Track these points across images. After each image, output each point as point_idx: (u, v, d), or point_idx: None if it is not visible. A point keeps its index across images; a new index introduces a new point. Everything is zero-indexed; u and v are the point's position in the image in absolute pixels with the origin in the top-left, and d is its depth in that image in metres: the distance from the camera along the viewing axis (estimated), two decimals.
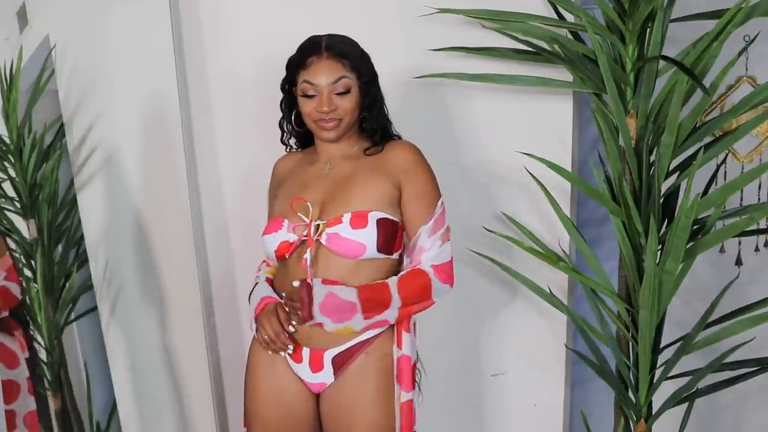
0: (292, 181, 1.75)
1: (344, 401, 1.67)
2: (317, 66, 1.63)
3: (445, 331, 2.27)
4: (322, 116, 1.65)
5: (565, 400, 2.30)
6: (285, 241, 1.66)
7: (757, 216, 1.75)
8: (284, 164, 1.83)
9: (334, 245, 1.61)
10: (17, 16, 2.17)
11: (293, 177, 1.76)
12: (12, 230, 2.19)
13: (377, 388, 1.66)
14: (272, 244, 1.68)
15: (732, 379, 1.95)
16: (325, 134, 1.68)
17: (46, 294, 2.22)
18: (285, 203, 1.71)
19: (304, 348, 1.69)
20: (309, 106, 1.66)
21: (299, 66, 1.66)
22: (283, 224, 1.67)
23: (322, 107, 1.63)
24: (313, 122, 1.68)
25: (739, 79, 2.20)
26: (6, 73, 2.11)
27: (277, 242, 1.67)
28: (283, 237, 1.66)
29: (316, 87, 1.64)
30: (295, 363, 1.70)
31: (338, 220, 1.62)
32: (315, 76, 1.63)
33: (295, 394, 1.70)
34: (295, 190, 1.72)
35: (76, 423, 2.30)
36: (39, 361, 2.22)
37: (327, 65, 1.63)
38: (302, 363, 1.69)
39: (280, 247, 1.66)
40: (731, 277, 2.02)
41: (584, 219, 2.36)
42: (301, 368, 1.70)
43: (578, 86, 2.00)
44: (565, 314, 2.09)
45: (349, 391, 1.66)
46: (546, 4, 2.05)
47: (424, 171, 1.71)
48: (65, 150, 2.22)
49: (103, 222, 2.29)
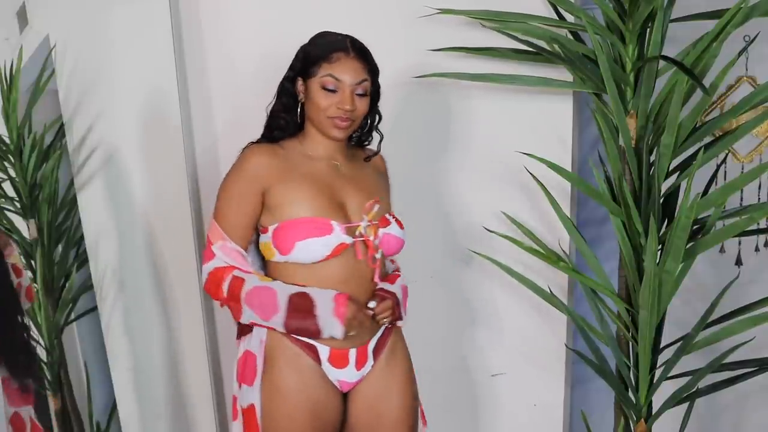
0: (306, 179, 1.64)
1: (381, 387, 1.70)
2: (344, 63, 1.61)
3: (445, 331, 2.27)
4: (340, 114, 1.62)
5: (565, 400, 2.30)
6: (341, 244, 1.60)
7: (757, 216, 1.75)
8: (264, 159, 1.65)
9: (388, 244, 1.67)
10: (17, 16, 2.17)
11: (301, 174, 1.65)
12: (12, 230, 2.19)
13: (410, 368, 1.76)
14: (325, 248, 1.59)
15: (732, 379, 1.95)
16: (336, 132, 1.64)
17: (46, 294, 2.22)
18: (319, 203, 1.62)
19: (350, 350, 1.66)
20: (328, 100, 1.62)
21: (322, 58, 1.62)
22: (333, 226, 1.61)
23: (345, 105, 1.61)
24: (327, 118, 1.63)
25: (739, 79, 2.20)
26: (6, 73, 2.11)
27: (331, 246, 1.59)
28: (337, 240, 1.60)
29: (340, 83, 1.61)
30: (339, 369, 1.66)
31: (387, 221, 1.68)
32: (341, 72, 1.61)
33: (333, 405, 1.68)
34: (321, 189, 1.64)
35: (76, 423, 2.30)
36: (39, 361, 2.21)
37: (353, 65, 1.62)
38: (348, 366, 1.67)
39: (334, 251, 1.60)
40: (731, 277, 2.02)
41: (584, 219, 2.36)
42: (345, 372, 1.67)
43: (578, 86, 2.00)
44: (565, 314, 2.10)
45: (387, 375, 1.71)
46: (546, 4, 2.05)
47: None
48: (65, 150, 2.21)
49: (103, 222, 2.29)
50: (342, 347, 1.65)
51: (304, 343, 1.64)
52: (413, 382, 1.76)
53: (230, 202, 1.66)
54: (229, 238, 1.65)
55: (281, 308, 1.59)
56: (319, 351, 1.65)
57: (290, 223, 1.61)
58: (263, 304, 1.61)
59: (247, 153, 1.67)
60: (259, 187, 1.64)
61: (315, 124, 1.67)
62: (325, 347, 1.64)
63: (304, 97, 1.66)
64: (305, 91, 1.66)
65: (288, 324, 1.60)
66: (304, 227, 1.60)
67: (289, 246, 1.60)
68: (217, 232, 1.66)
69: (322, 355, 1.65)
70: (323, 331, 1.60)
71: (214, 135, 2.30)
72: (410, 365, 1.76)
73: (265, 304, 1.61)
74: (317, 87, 1.63)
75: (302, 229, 1.60)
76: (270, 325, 1.62)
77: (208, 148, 2.31)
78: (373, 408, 1.70)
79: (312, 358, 1.64)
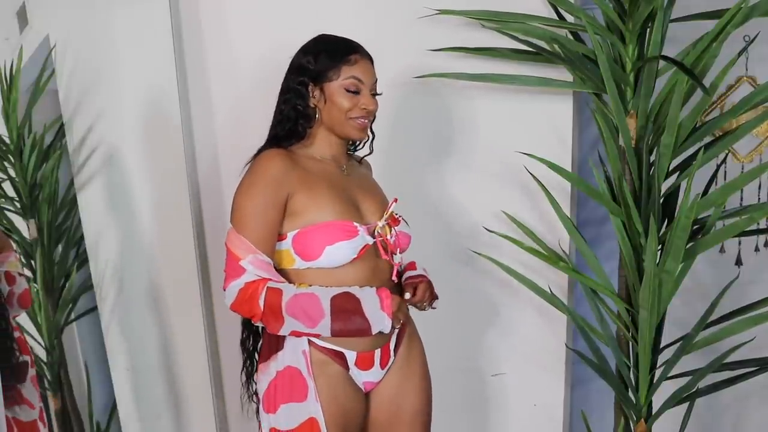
0: (324, 183, 1.63)
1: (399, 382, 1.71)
2: (363, 64, 1.64)
3: (445, 331, 2.27)
4: (363, 113, 1.64)
5: (565, 400, 2.30)
6: (366, 245, 1.61)
7: (757, 216, 1.75)
8: (284, 165, 1.60)
9: (401, 242, 1.70)
10: (17, 16, 2.17)
11: (318, 178, 1.63)
12: (12, 230, 2.19)
13: (425, 362, 1.78)
14: (353, 250, 1.59)
15: (732, 379, 1.95)
16: (358, 133, 1.66)
17: (46, 294, 2.22)
18: (340, 206, 1.62)
19: (375, 351, 1.66)
20: (352, 102, 1.62)
21: (342, 61, 1.62)
22: (358, 228, 1.60)
23: (369, 106, 1.63)
24: (350, 119, 1.64)
25: (739, 79, 2.20)
26: (6, 73, 2.11)
27: (358, 247, 1.59)
28: (363, 241, 1.60)
29: (363, 85, 1.63)
30: (365, 371, 1.66)
31: (396, 220, 1.70)
32: (363, 74, 1.63)
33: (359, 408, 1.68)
34: (339, 192, 1.64)
35: (76, 423, 2.30)
36: (39, 361, 2.21)
37: (368, 65, 1.65)
38: (373, 366, 1.67)
39: (360, 252, 1.60)
40: (731, 277, 2.03)
41: (584, 219, 2.36)
42: (371, 373, 1.67)
43: (578, 86, 2.00)
44: (565, 314, 2.10)
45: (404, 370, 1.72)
46: (546, 5, 2.05)
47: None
48: (65, 150, 2.21)
49: (103, 222, 2.29)
50: (368, 349, 1.65)
51: (331, 350, 1.62)
52: (428, 374, 1.79)
53: (256, 212, 1.57)
54: (259, 251, 1.57)
55: (326, 312, 1.55)
56: (347, 356, 1.63)
57: (314, 228, 1.58)
58: (307, 311, 1.55)
59: (266, 160, 1.60)
60: (284, 194, 1.58)
61: (333, 126, 1.66)
62: (352, 352, 1.64)
63: (321, 102, 1.65)
64: (321, 95, 1.64)
65: (335, 326, 1.56)
66: (331, 231, 1.57)
67: (317, 251, 1.57)
68: (244, 246, 1.57)
69: (350, 361, 1.64)
70: (374, 327, 1.57)
71: (214, 135, 2.30)
72: (424, 358, 1.79)
73: (309, 311, 1.55)
74: (339, 90, 1.62)
75: (330, 233, 1.57)
76: (316, 332, 1.57)
77: (208, 148, 2.31)
78: (393, 403, 1.72)
79: (339, 365, 1.63)
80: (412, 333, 1.77)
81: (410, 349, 1.74)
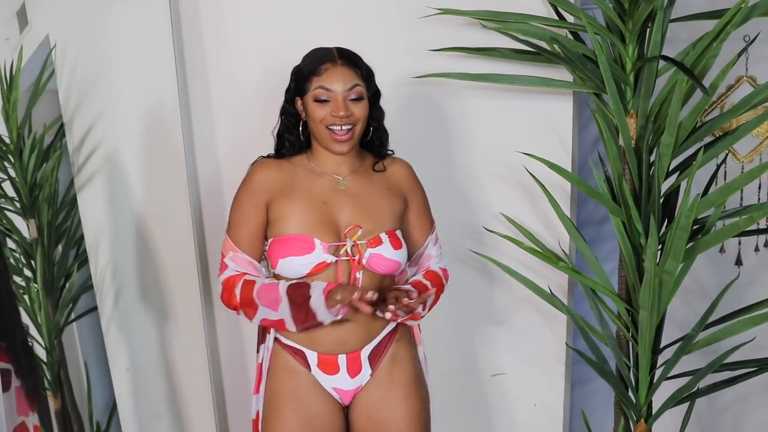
0: (303, 195, 1.67)
1: (381, 396, 1.70)
2: (332, 72, 1.63)
3: (445, 331, 2.27)
4: (336, 121, 1.62)
5: (565, 400, 2.30)
6: (322, 263, 1.62)
7: (757, 216, 1.75)
8: (269, 173, 1.70)
9: (375, 265, 1.66)
10: (17, 16, 2.17)
11: (300, 190, 1.68)
12: (12, 230, 2.19)
13: (416, 374, 1.75)
14: (304, 266, 1.62)
15: (732, 379, 1.95)
16: (338, 147, 1.65)
17: (46, 294, 2.22)
18: (307, 219, 1.65)
19: (339, 356, 1.67)
20: (323, 111, 1.63)
21: (311, 73, 1.64)
22: (315, 244, 1.62)
23: (339, 111, 1.61)
24: (326, 131, 1.64)
25: (739, 79, 2.20)
26: (6, 73, 2.11)
27: (311, 265, 1.62)
28: (318, 259, 1.62)
29: (331, 93, 1.62)
30: (330, 375, 1.68)
31: (378, 241, 1.66)
32: (331, 82, 1.62)
33: (329, 415, 1.69)
34: (314, 206, 1.66)
35: (76, 423, 2.30)
36: (39, 361, 2.21)
37: (342, 72, 1.63)
38: (339, 372, 1.68)
39: (314, 269, 1.62)
40: (731, 277, 2.03)
41: (584, 219, 2.36)
42: (338, 379, 1.68)
43: (578, 86, 2.00)
44: (565, 314, 2.10)
45: (386, 384, 1.71)
46: (546, 5, 2.05)
47: (421, 185, 1.82)
48: (65, 150, 2.21)
49: (103, 222, 2.29)
50: (330, 353, 1.67)
51: (294, 349, 1.69)
52: (419, 389, 1.75)
53: (239, 214, 1.70)
54: (239, 249, 1.69)
55: (282, 296, 1.61)
56: (308, 356, 1.68)
57: (279, 240, 1.66)
58: (269, 296, 1.63)
59: (255, 167, 1.72)
60: (263, 200, 1.68)
61: (318, 140, 1.68)
62: (312, 352, 1.68)
63: (306, 115, 1.68)
64: (304, 108, 1.67)
65: (292, 311, 1.61)
66: (287, 245, 1.64)
67: (273, 262, 1.66)
68: (228, 244, 1.71)
69: (311, 361, 1.68)
70: (317, 313, 1.59)
71: (214, 135, 2.30)
72: (416, 372, 1.75)
73: (270, 296, 1.63)
74: (311, 101, 1.65)
75: (285, 247, 1.64)
76: (279, 317, 1.62)
77: (208, 148, 2.31)
78: (373, 418, 1.70)
79: (302, 364, 1.68)
80: (402, 347, 1.74)
81: (395, 361, 1.72)
